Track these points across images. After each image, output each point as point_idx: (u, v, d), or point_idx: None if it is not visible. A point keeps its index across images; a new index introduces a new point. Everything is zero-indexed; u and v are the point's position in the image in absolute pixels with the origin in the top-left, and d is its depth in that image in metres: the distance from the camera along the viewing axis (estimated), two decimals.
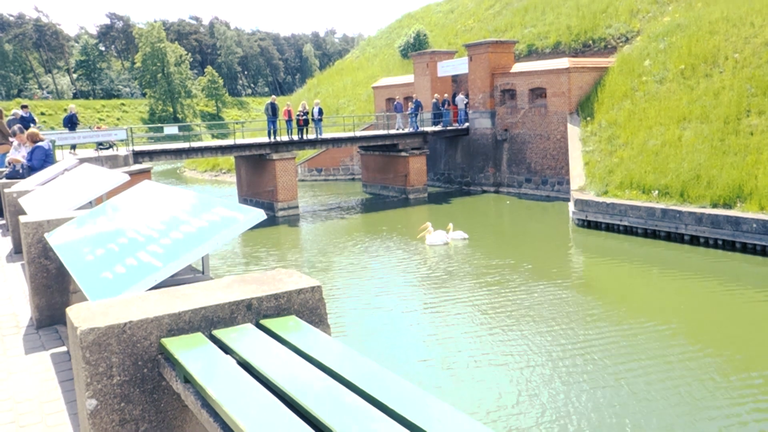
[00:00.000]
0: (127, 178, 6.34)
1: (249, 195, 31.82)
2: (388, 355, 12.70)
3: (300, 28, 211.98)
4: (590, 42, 34.70)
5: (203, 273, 3.46)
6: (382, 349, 13.21)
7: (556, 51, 35.99)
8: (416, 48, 46.48)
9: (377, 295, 16.95)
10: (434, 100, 35.87)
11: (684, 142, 23.29)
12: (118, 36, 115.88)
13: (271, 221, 28.50)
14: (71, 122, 26.56)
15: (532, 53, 37.46)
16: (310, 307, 2.48)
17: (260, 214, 3.02)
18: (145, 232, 3.45)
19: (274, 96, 32.54)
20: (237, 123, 49.54)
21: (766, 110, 22.09)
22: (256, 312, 2.40)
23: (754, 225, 18.45)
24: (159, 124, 66.10)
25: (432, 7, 56.68)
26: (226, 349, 2.18)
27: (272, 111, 29.77)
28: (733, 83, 24.10)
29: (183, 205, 3.52)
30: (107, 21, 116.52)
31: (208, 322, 2.32)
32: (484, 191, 34.33)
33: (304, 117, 30.67)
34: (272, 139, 29.62)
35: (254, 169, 31.11)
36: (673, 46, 28.27)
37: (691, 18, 29.39)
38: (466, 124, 35.56)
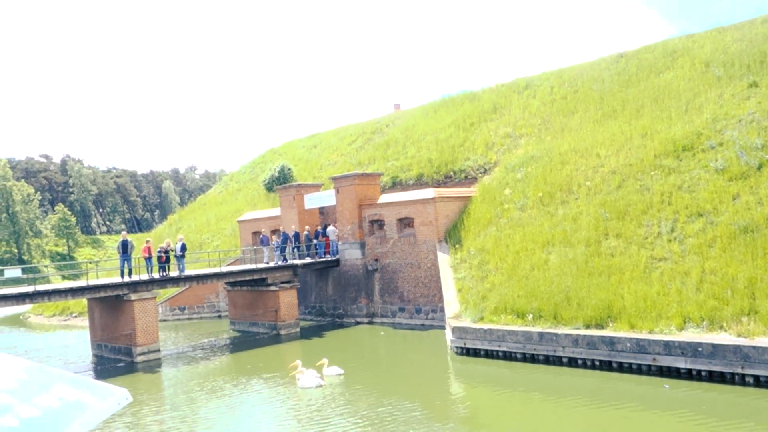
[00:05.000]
0: None
1: (104, 340, 28.90)
2: None
3: (159, 165, 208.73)
4: (451, 173, 36.13)
5: None
6: None
7: (420, 182, 37.10)
8: (281, 182, 46.47)
9: None
10: (306, 232, 35.39)
11: (551, 266, 23.94)
12: None
13: (129, 368, 25.81)
14: None
15: (396, 185, 38.37)
16: None
17: (123, 396, 1.99)
18: None
19: (125, 233, 30.57)
20: (90, 262, 46.13)
21: (622, 233, 23.35)
22: None
23: (628, 344, 18.75)
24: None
25: (295, 143, 57.60)
26: None
27: (123, 249, 27.85)
28: (588, 209, 25.49)
29: (6, 382, 2.36)
30: None
31: None
32: (358, 323, 33.45)
33: (165, 254, 28.89)
34: (125, 279, 27.46)
35: (110, 311, 28.46)
36: (529, 175, 29.87)
37: (543, 150, 31.46)
38: (337, 256, 35.13)
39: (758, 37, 31.29)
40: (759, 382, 16.37)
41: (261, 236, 35.38)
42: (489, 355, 22.50)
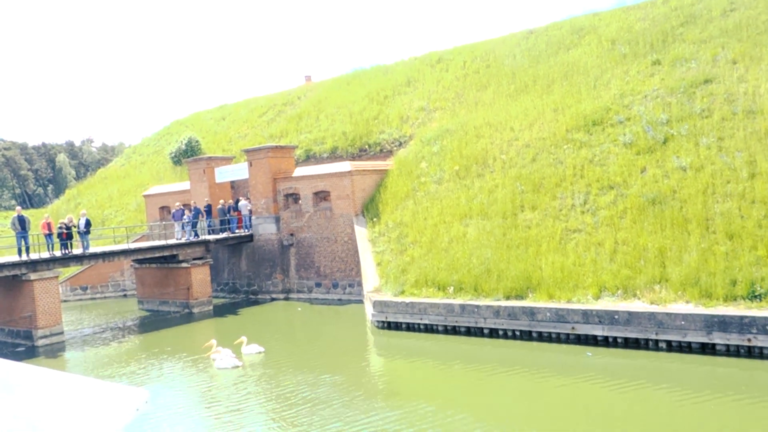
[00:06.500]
0: None
1: (0, 323, 27.04)
2: None
3: (52, 137, 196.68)
4: (366, 146, 35.84)
5: None
6: None
7: (334, 155, 36.62)
8: (189, 154, 44.70)
9: None
10: (220, 206, 34.33)
11: (469, 238, 24.21)
12: None
13: (29, 353, 24.29)
14: None
15: (310, 158, 37.75)
16: None
17: (142, 399, 1.58)
18: None
19: (20, 208, 28.36)
20: None
21: (537, 205, 23.88)
22: None
23: (548, 314, 19.25)
24: None
25: (202, 114, 55.56)
26: None
27: (20, 225, 25.94)
28: (504, 182, 25.90)
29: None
30: None
31: None
32: (273, 299, 32.86)
33: (68, 230, 27.19)
34: (23, 257, 25.65)
35: (5, 292, 26.56)
36: (445, 149, 30.02)
37: (458, 124, 31.67)
38: (251, 231, 34.27)
39: (659, 17, 32.57)
40: (671, 347, 17.21)
41: (174, 211, 33.92)
42: (410, 328, 22.59)
